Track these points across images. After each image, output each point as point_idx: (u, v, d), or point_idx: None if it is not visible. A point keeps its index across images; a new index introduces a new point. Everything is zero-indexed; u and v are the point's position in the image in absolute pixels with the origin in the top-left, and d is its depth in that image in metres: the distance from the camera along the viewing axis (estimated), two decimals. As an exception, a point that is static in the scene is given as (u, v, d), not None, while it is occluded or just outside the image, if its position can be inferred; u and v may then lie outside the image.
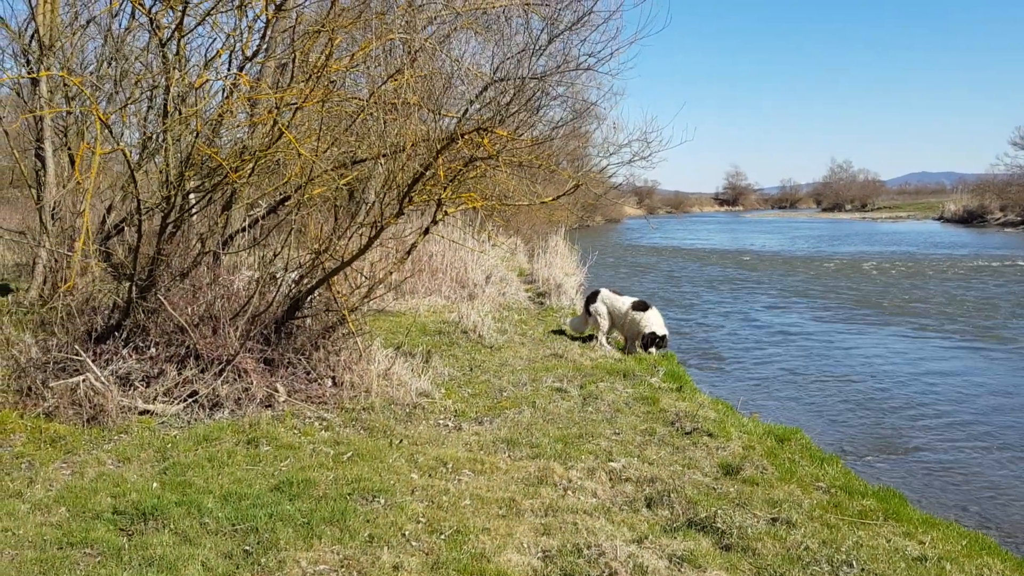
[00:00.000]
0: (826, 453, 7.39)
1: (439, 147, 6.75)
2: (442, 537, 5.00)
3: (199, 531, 4.93)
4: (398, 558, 4.68)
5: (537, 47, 6.94)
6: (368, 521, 5.16)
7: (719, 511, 5.41)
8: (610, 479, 6.21)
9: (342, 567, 4.59)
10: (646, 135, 8.66)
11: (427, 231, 8.34)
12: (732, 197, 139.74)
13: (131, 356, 7.48)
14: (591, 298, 12.22)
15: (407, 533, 5.03)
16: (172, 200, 7.01)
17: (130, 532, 4.94)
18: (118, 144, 6.86)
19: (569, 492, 5.88)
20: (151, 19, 6.53)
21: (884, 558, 4.92)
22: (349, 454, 6.44)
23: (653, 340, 11.22)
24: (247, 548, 4.75)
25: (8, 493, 5.48)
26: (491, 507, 5.52)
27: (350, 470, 6.06)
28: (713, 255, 37.40)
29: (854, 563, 4.81)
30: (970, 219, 67.05)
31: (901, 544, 5.18)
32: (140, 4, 6.43)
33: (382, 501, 5.51)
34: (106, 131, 6.67)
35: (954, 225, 66.24)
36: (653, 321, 11.40)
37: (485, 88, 7.11)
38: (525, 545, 4.94)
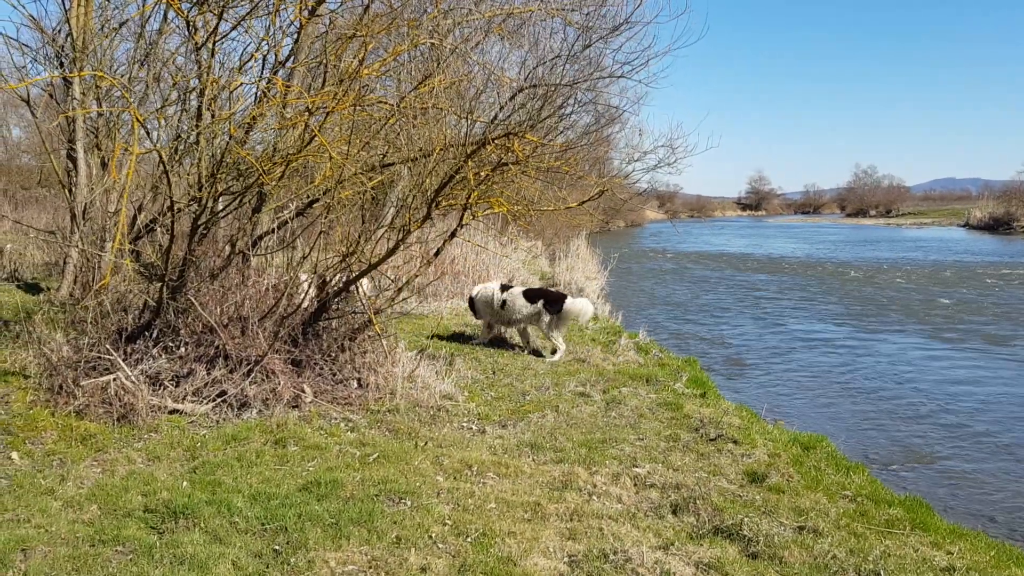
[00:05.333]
0: (852, 461, 7.34)
1: (469, 151, 6.78)
2: (468, 540, 5.03)
3: (229, 530, 4.99)
4: (425, 560, 4.71)
5: (571, 54, 6.95)
6: (395, 522, 5.20)
7: (745, 519, 5.40)
8: (635, 485, 6.21)
9: (370, 568, 4.62)
10: (671, 142, 8.67)
11: (453, 235, 8.38)
12: (755, 202, 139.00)
13: (161, 355, 7.57)
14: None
15: (434, 535, 5.06)
16: (204, 202, 7.10)
17: (161, 530, 5.00)
18: (154, 145, 6.95)
19: (594, 497, 5.88)
20: (188, 22, 6.61)
21: (912, 568, 4.90)
22: (375, 455, 6.49)
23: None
24: (276, 548, 4.80)
25: (40, 490, 5.55)
26: (516, 511, 5.54)
27: (376, 471, 6.10)
28: (736, 260, 37.25)
29: (882, 573, 4.80)
30: (996, 226, 66.34)
31: (929, 554, 5.15)
32: (178, 8, 6.51)
33: (409, 503, 5.55)
34: (141, 132, 6.76)
35: (979, 232, 65.60)
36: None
37: (515, 94, 7.14)
38: (551, 549, 4.95)
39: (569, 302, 11.19)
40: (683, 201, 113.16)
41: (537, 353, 11.26)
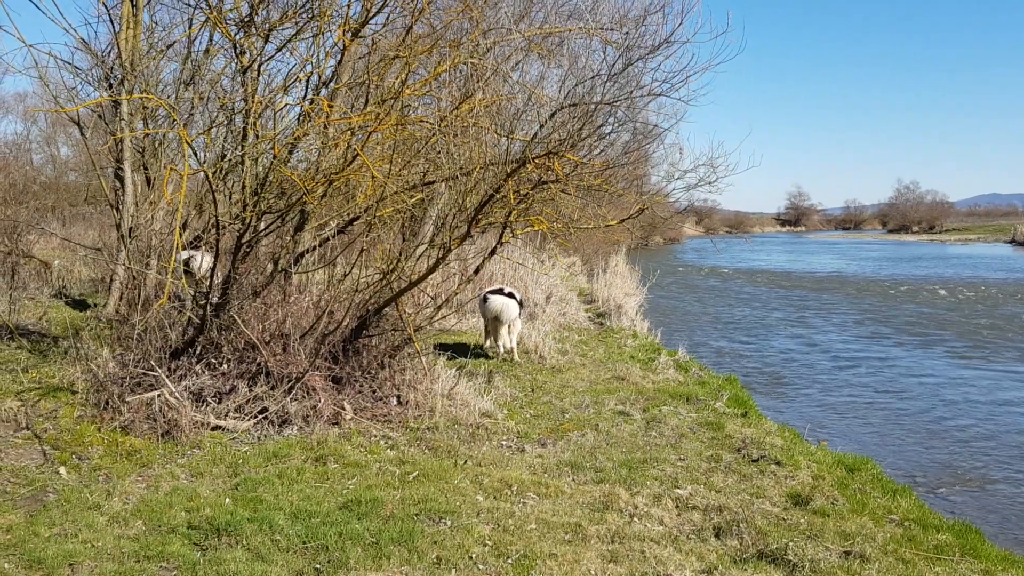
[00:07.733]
0: (898, 484, 7.19)
1: (509, 170, 6.80)
2: (509, 561, 5.00)
3: (271, 548, 5.01)
4: (466, 581, 4.70)
5: (611, 74, 6.95)
6: (435, 543, 5.19)
7: (790, 543, 5.31)
8: (676, 506, 6.14)
9: (411, 588, 4.62)
10: (712, 160, 8.56)
11: (493, 252, 8.40)
12: (794, 218, 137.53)
13: (204, 372, 7.66)
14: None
15: (474, 556, 5.04)
16: (248, 220, 7.20)
17: (204, 547, 5.04)
18: (201, 165, 7.06)
19: (635, 519, 5.83)
20: (235, 45, 6.73)
21: (963, 597, 4.78)
22: (415, 474, 6.49)
23: None
24: (317, 567, 4.82)
25: (87, 505, 5.63)
26: (557, 532, 5.50)
27: (416, 490, 6.10)
28: (776, 277, 36.83)
29: (932, 601, 4.68)
30: (1044, 242, 64.94)
31: (981, 583, 5.02)
32: (226, 31, 6.63)
33: (449, 523, 5.54)
34: (188, 152, 6.89)
35: (1027, 248, 64.24)
36: None
37: (554, 113, 7.15)
38: (593, 572, 4.91)
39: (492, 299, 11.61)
40: (721, 217, 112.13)
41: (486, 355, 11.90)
